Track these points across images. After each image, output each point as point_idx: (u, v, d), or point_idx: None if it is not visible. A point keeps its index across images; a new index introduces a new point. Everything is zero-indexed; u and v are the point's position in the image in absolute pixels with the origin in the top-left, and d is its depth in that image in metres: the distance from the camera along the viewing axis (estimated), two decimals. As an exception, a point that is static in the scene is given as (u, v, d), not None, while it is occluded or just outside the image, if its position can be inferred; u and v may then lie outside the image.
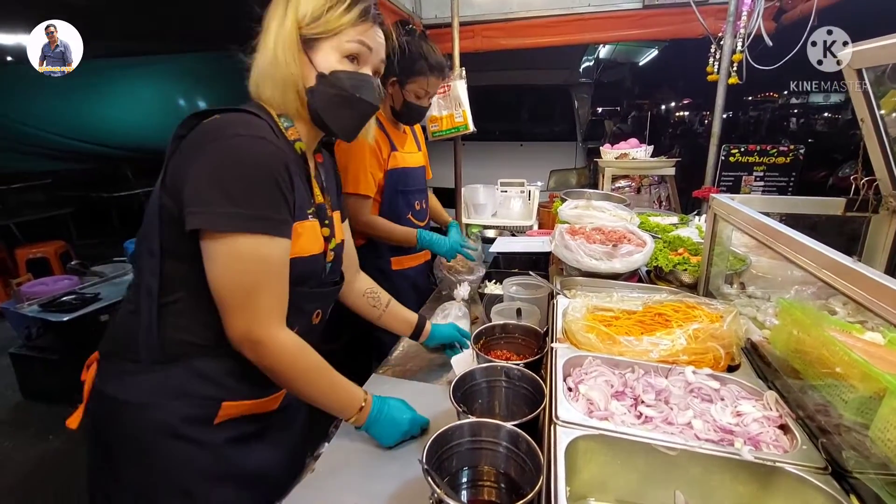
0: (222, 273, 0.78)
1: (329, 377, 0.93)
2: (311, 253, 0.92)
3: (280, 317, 0.85)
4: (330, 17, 0.85)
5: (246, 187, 0.77)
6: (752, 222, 0.96)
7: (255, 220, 0.77)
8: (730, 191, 2.44)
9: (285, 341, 0.85)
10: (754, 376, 0.88)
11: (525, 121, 5.75)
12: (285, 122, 0.91)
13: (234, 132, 0.78)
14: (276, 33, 0.85)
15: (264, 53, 0.87)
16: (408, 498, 0.88)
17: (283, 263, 0.84)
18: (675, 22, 2.57)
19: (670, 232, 1.62)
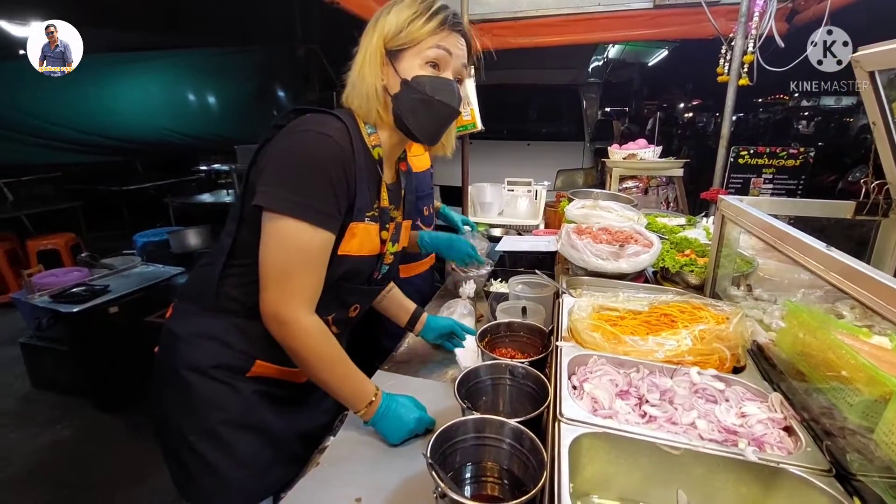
0: (266, 248, 0.87)
1: (344, 367, 0.97)
2: (361, 253, 0.98)
3: (309, 302, 0.91)
4: (412, 28, 0.92)
5: (300, 177, 0.85)
6: (760, 224, 0.95)
7: (301, 207, 0.84)
8: (738, 193, 2.42)
9: (309, 325, 0.91)
10: (759, 378, 0.88)
11: (533, 120, 5.73)
12: (369, 129, 0.99)
13: (306, 128, 0.88)
14: (364, 51, 0.94)
15: (354, 70, 0.96)
16: (412, 492, 0.89)
17: (322, 253, 0.90)
18: (686, 22, 2.56)
19: (677, 233, 1.62)
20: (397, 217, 1.10)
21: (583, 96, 5.32)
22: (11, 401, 2.99)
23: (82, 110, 5.24)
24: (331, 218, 0.88)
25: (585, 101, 5.34)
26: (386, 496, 0.88)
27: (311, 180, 0.86)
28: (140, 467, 2.38)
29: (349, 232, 0.94)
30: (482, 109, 2.61)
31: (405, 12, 0.94)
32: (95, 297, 2.72)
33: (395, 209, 1.08)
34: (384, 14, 0.95)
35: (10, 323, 3.93)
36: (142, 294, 2.91)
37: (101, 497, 2.22)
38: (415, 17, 0.93)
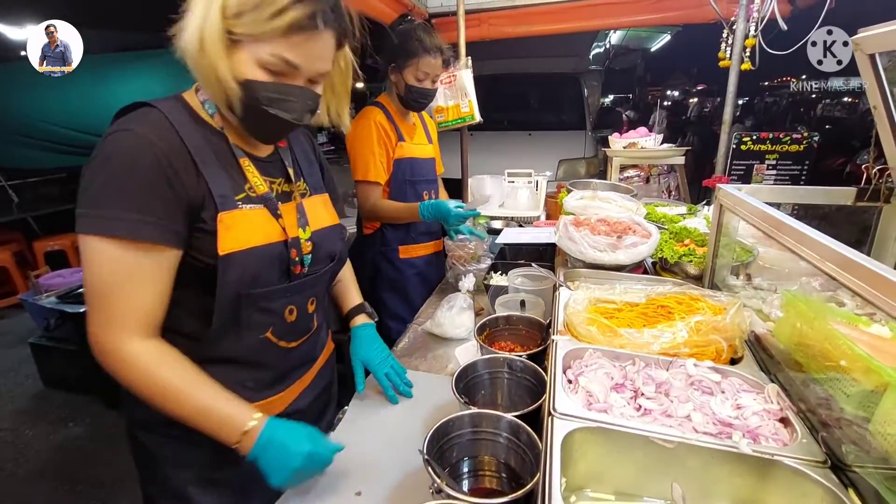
0: (83, 274, 0.76)
1: (196, 397, 0.78)
2: (252, 245, 0.82)
3: (137, 327, 0.75)
4: (255, 17, 0.72)
5: (100, 187, 0.72)
6: (756, 213, 0.94)
7: (99, 221, 0.71)
8: (741, 180, 2.39)
9: (135, 353, 0.75)
10: (757, 369, 0.87)
11: (533, 110, 5.69)
12: (209, 108, 0.84)
13: (108, 131, 0.75)
14: (202, 16, 0.73)
15: (188, 34, 0.74)
16: (411, 486, 0.90)
17: (142, 267, 0.74)
18: (687, 6, 2.51)
19: (677, 223, 1.60)
20: (296, 196, 0.94)
21: (584, 84, 5.26)
22: (25, 399, 3.05)
23: (84, 112, 5.25)
24: (146, 225, 0.72)
25: (587, 89, 5.29)
26: (385, 490, 0.89)
27: (111, 187, 0.71)
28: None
29: (220, 225, 0.78)
30: (481, 100, 2.59)
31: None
32: (101, 297, 2.75)
33: (284, 183, 0.93)
34: None
35: (19, 324, 3.99)
36: (149, 292, 2.94)
37: (112, 493, 2.27)
38: (254, 3, 0.72)
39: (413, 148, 1.88)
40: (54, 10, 5.35)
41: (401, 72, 1.74)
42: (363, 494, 0.89)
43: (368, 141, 1.74)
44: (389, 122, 1.80)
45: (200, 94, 0.85)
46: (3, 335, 3.90)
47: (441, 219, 1.72)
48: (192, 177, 0.77)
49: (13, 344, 3.65)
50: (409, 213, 1.78)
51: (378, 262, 1.91)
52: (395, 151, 1.81)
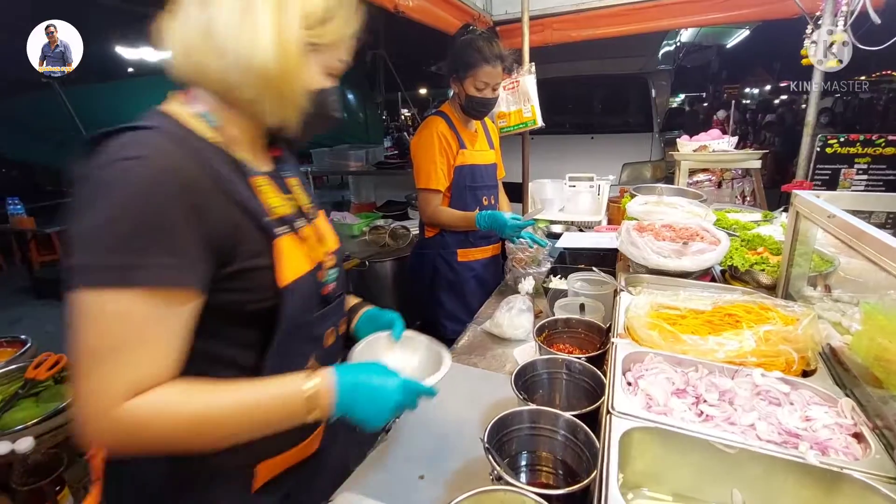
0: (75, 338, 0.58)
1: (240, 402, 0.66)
2: (301, 274, 0.74)
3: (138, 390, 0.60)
4: (333, 26, 0.70)
5: (111, 229, 0.58)
6: (834, 221, 0.91)
7: (114, 271, 0.58)
8: (826, 185, 2.20)
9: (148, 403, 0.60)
10: (831, 383, 0.84)
11: (597, 112, 5.55)
12: (211, 120, 0.70)
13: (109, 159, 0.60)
14: (274, 25, 0.65)
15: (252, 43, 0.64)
16: (471, 473, 0.95)
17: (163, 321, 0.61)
18: (767, 1, 2.36)
19: (750, 230, 1.54)
20: (309, 212, 0.84)
21: (652, 84, 5.06)
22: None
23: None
24: (171, 270, 0.60)
25: (655, 90, 5.08)
26: (447, 475, 0.95)
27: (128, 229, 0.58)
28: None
29: (276, 254, 0.70)
30: (543, 104, 2.61)
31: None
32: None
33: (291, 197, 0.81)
34: None
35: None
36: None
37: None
38: (336, 11, 0.70)
39: (474, 155, 1.95)
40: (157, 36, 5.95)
41: (461, 82, 1.81)
42: (426, 478, 0.95)
43: (430, 151, 1.83)
44: (451, 131, 1.88)
45: (195, 105, 0.71)
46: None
47: (497, 230, 1.78)
48: (221, 207, 0.65)
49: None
50: (466, 223, 1.86)
51: (437, 263, 2.00)
52: (457, 159, 1.89)
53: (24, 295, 5.21)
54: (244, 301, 0.70)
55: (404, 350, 0.98)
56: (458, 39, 1.86)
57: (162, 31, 0.68)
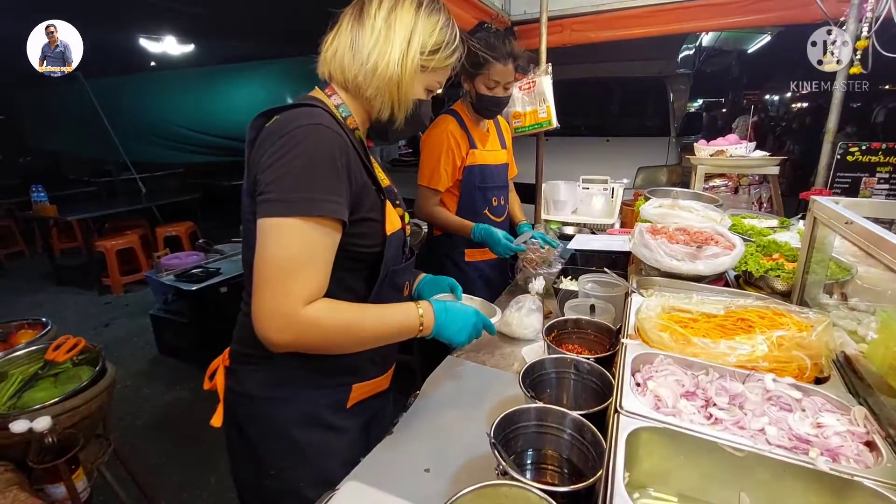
0: (264, 249, 0.79)
1: (374, 318, 0.92)
2: (395, 229, 0.98)
3: (311, 299, 0.81)
4: (443, 55, 0.95)
5: (303, 173, 0.79)
6: (853, 227, 0.89)
7: (304, 203, 0.78)
8: (845, 194, 2.16)
9: (313, 311, 0.81)
10: (844, 391, 0.83)
11: (613, 115, 5.50)
12: (343, 111, 0.95)
13: (296, 124, 0.81)
14: (402, 47, 0.90)
15: (384, 58, 0.90)
16: (476, 469, 0.95)
17: (326, 245, 0.83)
18: (790, 6, 2.31)
19: (766, 236, 1.52)
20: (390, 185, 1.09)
21: (670, 88, 5.00)
22: (144, 363, 3.55)
23: (203, 115, 6.00)
24: (339, 206, 0.82)
25: (673, 94, 5.02)
26: (452, 470, 0.96)
27: (312, 173, 0.80)
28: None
29: (386, 211, 0.94)
30: (558, 105, 2.60)
31: (440, 32, 0.94)
32: (210, 278, 3.13)
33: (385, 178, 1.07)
34: (423, 13, 0.92)
35: (143, 297, 4.64)
36: (246, 277, 3.30)
37: (209, 450, 2.58)
38: (447, 44, 0.94)
39: (485, 155, 1.93)
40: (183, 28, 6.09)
41: (472, 80, 1.79)
42: (431, 472, 0.96)
43: (437, 150, 1.83)
44: (462, 130, 1.87)
45: (335, 98, 0.96)
46: (130, 306, 4.56)
47: (489, 246, 1.79)
48: (359, 169, 0.89)
49: (137, 315, 4.26)
50: (460, 229, 1.86)
51: (444, 262, 2.00)
52: (467, 159, 1.88)
53: (45, 281, 5.35)
54: (361, 244, 0.92)
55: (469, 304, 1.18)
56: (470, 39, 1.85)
57: (324, 40, 0.96)
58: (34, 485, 1.33)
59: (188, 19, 5.33)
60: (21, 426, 1.30)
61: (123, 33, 5.89)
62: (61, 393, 1.47)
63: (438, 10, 0.95)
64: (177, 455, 2.55)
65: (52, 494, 1.34)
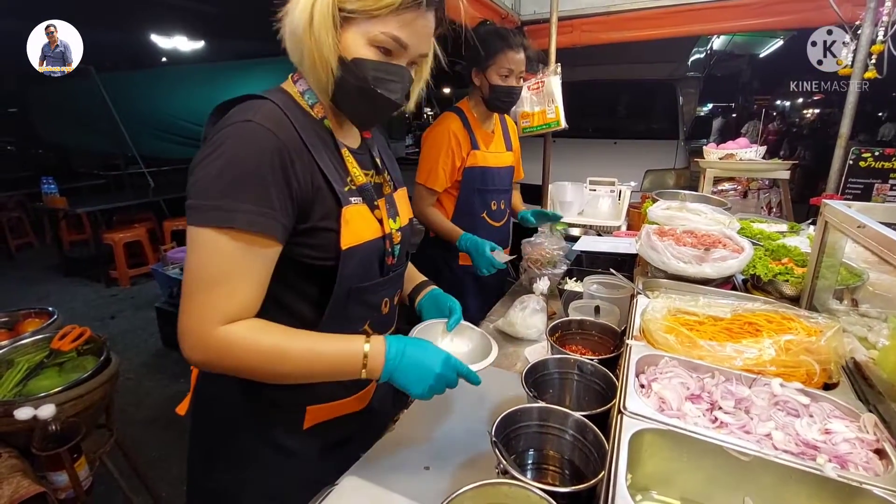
0: (186, 265, 0.72)
1: (304, 346, 0.77)
2: (364, 240, 0.84)
3: (234, 318, 0.73)
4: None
5: (220, 178, 0.70)
6: (867, 232, 0.88)
7: (218, 212, 0.69)
8: (857, 200, 2.13)
9: (233, 332, 0.72)
10: (853, 397, 0.81)
11: (622, 117, 5.48)
12: (309, 98, 0.83)
13: (225, 123, 0.73)
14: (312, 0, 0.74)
15: (297, 14, 0.75)
16: (476, 468, 0.95)
17: (248, 259, 0.72)
18: (803, 9, 2.29)
19: (776, 240, 1.50)
20: (386, 188, 0.96)
21: (679, 92, 4.97)
22: (148, 355, 3.57)
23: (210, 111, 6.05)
24: (263, 217, 0.71)
25: (682, 97, 4.99)
26: (452, 468, 0.95)
27: (230, 178, 0.70)
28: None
29: (342, 220, 0.80)
30: (566, 106, 2.58)
31: None
32: (214, 273, 3.14)
33: (375, 175, 0.94)
34: None
35: (149, 290, 4.67)
36: (249, 273, 3.30)
37: (211, 444, 2.59)
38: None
39: (487, 156, 1.87)
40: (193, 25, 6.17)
41: (484, 72, 1.74)
42: (431, 469, 0.95)
43: (437, 148, 1.77)
44: (465, 130, 1.80)
45: (300, 84, 0.84)
46: (136, 299, 4.59)
47: (473, 259, 1.73)
48: (307, 170, 0.77)
49: (143, 307, 4.29)
50: (449, 234, 1.80)
51: (439, 265, 1.95)
52: (468, 159, 1.82)
53: (53, 272, 5.41)
54: (312, 256, 0.81)
55: (459, 338, 1.06)
56: (479, 31, 1.76)
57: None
58: (37, 472, 1.34)
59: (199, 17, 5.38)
60: (26, 413, 1.31)
61: (135, 30, 5.96)
62: (66, 382, 1.48)
63: None
64: (178, 448, 2.56)
65: (55, 482, 1.35)
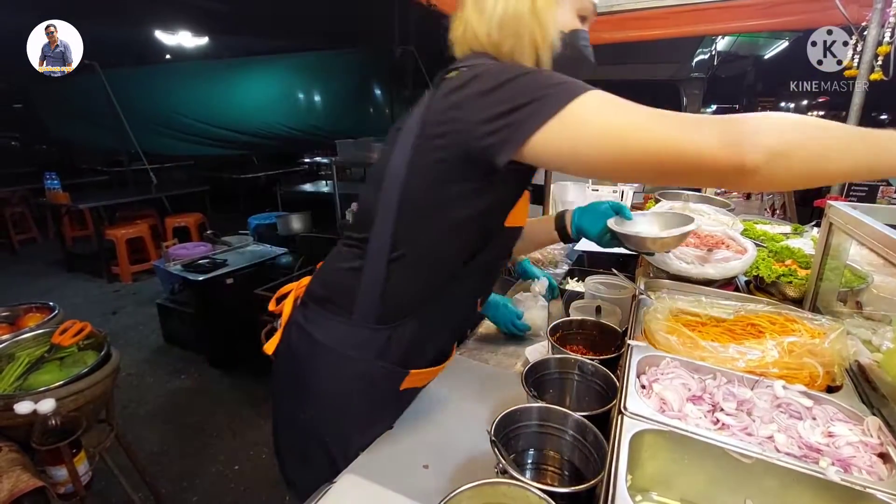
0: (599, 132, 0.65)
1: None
2: (517, 224, 0.93)
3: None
4: None
5: (542, 73, 0.71)
6: (872, 234, 0.87)
7: (568, 86, 0.66)
8: (862, 202, 2.12)
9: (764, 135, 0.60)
10: (857, 401, 0.81)
11: (625, 118, 5.45)
12: None
13: (482, 64, 0.75)
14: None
15: (511, 3, 0.79)
16: (476, 468, 0.94)
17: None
18: (809, 10, 2.28)
19: (779, 241, 1.49)
20: None
21: (683, 92, 4.96)
22: (149, 351, 3.57)
23: (213, 107, 6.06)
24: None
25: (686, 98, 4.98)
26: (451, 467, 0.95)
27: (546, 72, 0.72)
28: (239, 420, 2.74)
29: (521, 200, 0.88)
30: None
31: None
32: (216, 269, 3.15)
33: None
34: None
35: (151, 286, 4.68)
36: (252, 269, 3.31)
37: (210, 438, 2.59)
38: None
39: None
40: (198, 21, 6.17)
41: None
42: (430, 468, 0.95)
43: None
44: None
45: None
46: (137, 295, 4.60)
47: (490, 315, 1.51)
48: None
49: (144, 303, 4.29)
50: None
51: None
52: None
53: (56, 267, 5.43)
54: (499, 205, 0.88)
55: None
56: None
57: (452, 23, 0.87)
58: (37, 466, 1.34)
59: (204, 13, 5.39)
60: (26, 407, 1.31)
61: (139, 26, 5.96)
62: (66, 376, 1.48)
63: None
64: (178, 444, 2.57)
65: (54, 476, 1.35)
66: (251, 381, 3.10)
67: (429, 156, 0.78)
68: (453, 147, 0.74)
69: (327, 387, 0.95)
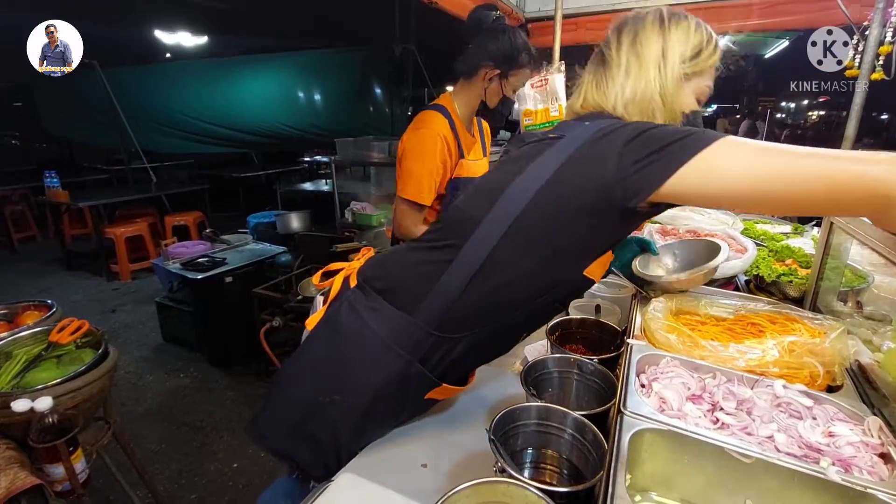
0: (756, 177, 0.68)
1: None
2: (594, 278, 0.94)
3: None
4: (704, 56, 0.88)
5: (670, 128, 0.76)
6: (874, 234, 0.87)
7: (709, 131, 0.73)
8: (863, 202, 2.10)
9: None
10: (858, 401, 0.80)
11: (624, 117, 5.43)
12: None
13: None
14: (657, 66, 0.86)
15: (640, 83, 0.87)
16: (474, 466, 0.93)
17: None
18: (811, 10, 2.27)
19: (779, 241, 1.48)
20: None
21: (684, 92, 4.93)
22: (147, 350, 3.57)
23: (214, 106, 6.06)
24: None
25: (687, 98, 4.95)
26: (450, 466, 0.94)
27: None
28: (238, 418, 2.74)
29: (606, 255, 0.87)
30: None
31: (695, 35, 0.87)
32: (216, 268, 3.14)
33: None
34: (669, 27, 0.87)
35: (150, 285, 4.68)
36: (252, 268, 3.29)
37: (208, 436, 2.59)
38: (706, 43, 0.88)
39: (470, 165, 1.67)
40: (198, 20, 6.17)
41: (505, 79, 1.57)
42: (429, 467, 0.94)
43: (429, 157, 1.53)
44: (452, 134, 1.59)
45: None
46: (137, 293, 4.60)
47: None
48: None
49: (143, 301, 4.29)
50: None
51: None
52: (454, 170, 1.62)
53: (55, 265, 5.43)
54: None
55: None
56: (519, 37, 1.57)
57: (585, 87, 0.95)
58: (34, 464, 1.33)
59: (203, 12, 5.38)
60: (23, 405, 1.31)
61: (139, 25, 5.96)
62: (63, 374, 1.47)
63: (684, 17, 0.90)
64: (176, 442, 2.56)
65: (51, 474, 1.34)
66: (250, 379, 3.10)
67: (561, 190, 0.80)
68: (590, 185, 0.77)
69: (362, 372, 0.94)
